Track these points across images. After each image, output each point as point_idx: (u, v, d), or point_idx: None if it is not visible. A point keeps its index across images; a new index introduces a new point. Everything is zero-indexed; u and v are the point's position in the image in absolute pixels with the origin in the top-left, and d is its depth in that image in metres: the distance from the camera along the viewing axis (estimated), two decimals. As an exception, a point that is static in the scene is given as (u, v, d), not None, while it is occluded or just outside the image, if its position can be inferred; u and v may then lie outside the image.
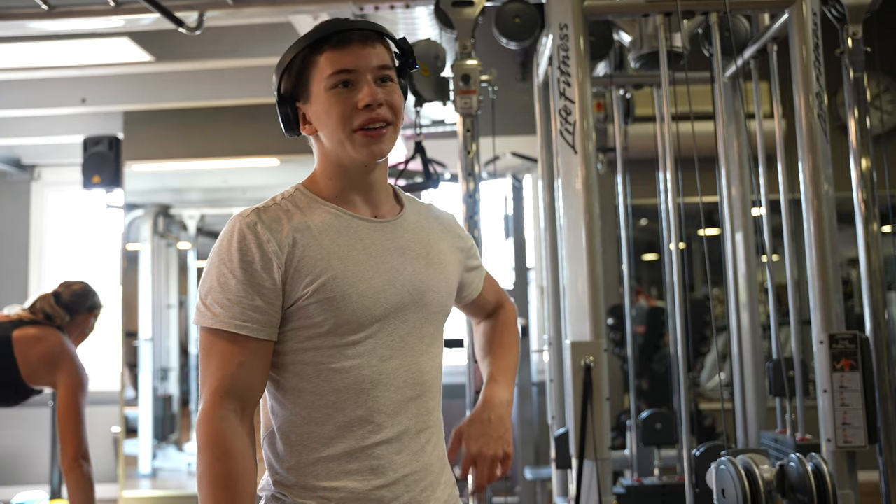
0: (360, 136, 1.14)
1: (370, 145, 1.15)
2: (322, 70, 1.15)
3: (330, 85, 1.14)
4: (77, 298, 2.64)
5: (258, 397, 1.13)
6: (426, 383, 1.19)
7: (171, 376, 4.98)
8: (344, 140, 1.15)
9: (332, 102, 1.14)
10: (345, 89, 1.14)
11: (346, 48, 1.14)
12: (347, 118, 1.14)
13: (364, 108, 1.13)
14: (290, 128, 1.22)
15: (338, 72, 1.14)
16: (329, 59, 1.14)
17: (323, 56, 1.15)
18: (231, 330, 1.08)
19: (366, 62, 1.14)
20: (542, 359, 4.55)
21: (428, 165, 2.61)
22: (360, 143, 1.15)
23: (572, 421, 2.09)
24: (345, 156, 1.17)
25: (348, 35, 1.15)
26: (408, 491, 1.15)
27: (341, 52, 1.14)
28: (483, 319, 1.50)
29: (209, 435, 1.07)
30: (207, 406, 1.08)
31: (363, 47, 1.15)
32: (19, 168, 5.60)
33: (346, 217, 1.18)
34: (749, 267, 2.71)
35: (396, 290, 1.16)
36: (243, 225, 1.12)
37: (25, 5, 2.84)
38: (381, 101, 1.14)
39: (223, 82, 4.34)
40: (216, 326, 1.08)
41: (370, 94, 1.13)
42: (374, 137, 1.14)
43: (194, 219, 5.09)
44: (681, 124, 2.34)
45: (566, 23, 2.21)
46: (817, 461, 1.84)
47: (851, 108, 2.32)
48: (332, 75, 1.14)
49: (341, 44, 1.14)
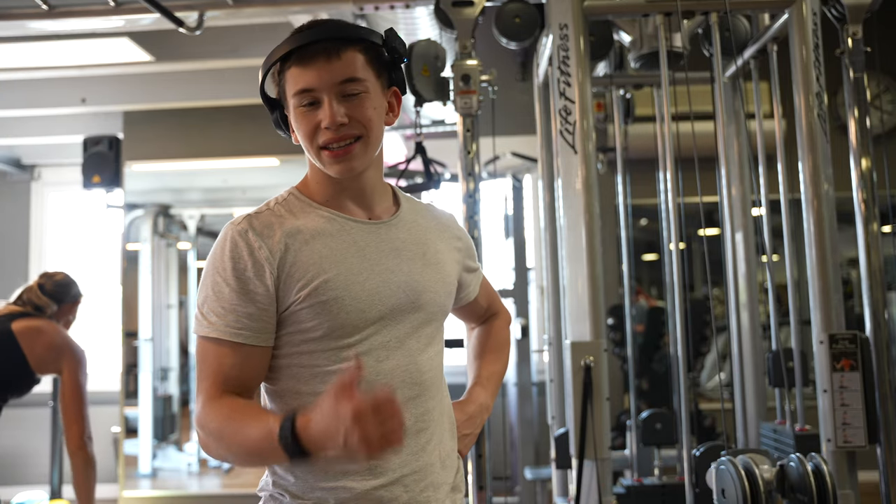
0: (325, 155, 1.14)
1: (336, 164, 1.14)
2: (290, 86, 1.14)
3: (296, 104, 1.13)
4: (61, 288, 2.73)
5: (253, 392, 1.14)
6: (424, 383, 1.18)
7: (171, 376, 4.98)
8: (314, 157, 1.16)
9: (299, 121, 1.14)
10: (309, 108, 1.13)
11: (308, 65, 1.11)
12: (312, 137, 1.14)
13: (325, 129, 1.12)
14: (281, 130, 1.23)
15: (300, 91, 1.12)
16: (293, 77, 1.13)
17: (290, 72, 1.13)
18: (227, 338, 1.09)
19: (328, 78, 1.11)
20: (542, 359, 4.55)
21: (428, 165, 2.61)
22: (326, 162, 1.15)
23: (572, 421, 2.09)
24: (320, 167, 1.17)
25: (309, 50, 1.11)
26: (407, 491, 1.14)
27: (304, 69, 1.11)
28: (476, 325, 1.50)
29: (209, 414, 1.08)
30: (203, 400, 1.09)
31: (327, 61, 1.10)
32: (19, 168, 5.61)
33: (340, 220, 1.17)
34: (749, 267, 2.71)
35: (392, 292, 1.16)
36: (235, 233, 1.12)
37: (25, 5, 2.84)
38: (340, 122, 1.11)
39: (223, 82, 4.34)
40: (212, 335, 1.09)
41: (328, 116, 1.11)
42: (339, 156, 1.13)
43: (194, 219, 5.09)
44: (681, 124, 2.34)
45: (566, 23, 2.21)
46: (817, 461, 1.84)
47: (851, 108, 2.32)
48: (295, 94, 1.13)
49: (303, 60, 1.11)
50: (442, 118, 4.13)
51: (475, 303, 1.44)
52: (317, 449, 0.96)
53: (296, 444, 0.96)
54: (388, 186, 1.27)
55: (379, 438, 0.91)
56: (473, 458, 2.33)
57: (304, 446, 0.96)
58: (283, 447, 0.97)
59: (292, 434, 0.96)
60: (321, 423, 0.94)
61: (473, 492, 2.33)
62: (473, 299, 1.42)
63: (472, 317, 1.48)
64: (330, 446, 0.94)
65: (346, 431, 0.91)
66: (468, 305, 1.43)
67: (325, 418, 0.94)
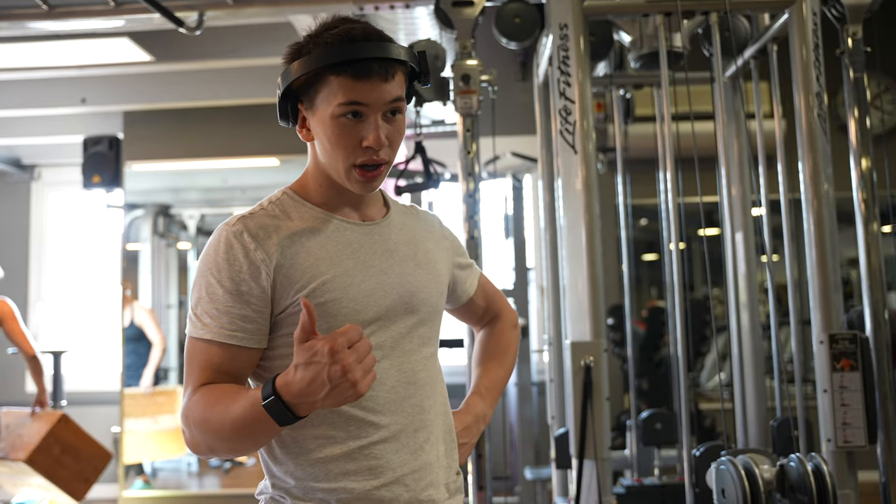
0: (358, 173, 1.13)
1: (365, 184, 1.14)
2: (333, 93, 1.10)
3: (339, 113, 1.10)
4: None
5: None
6: (419, 382, 1.18)
7: (171, 376, 4.98)
8: (341, 171, 1.14)
9: (336, 131, 1.11)
10: (353, 120, 1.10)
11: (365, 80, 1.08)
12: (350, 152, 1.12)
13: (367, 148, 1.11)
14: (285, 121, 1.20)
15: (351, 102, 1.09)
16: (344, 87, 1.08)
17: (338, 79, 1.08)
18: (221, 340, 1.08)
19: (381, 97, 1.09)
20: (542, 359, 4.55)
21: (428, 165, 2.61)
22: (355, 180, 1.14)
23: (572, 421, 2.09)
24: (338, 179, 1.16)
25: (371, 66, 1.08)
26: (407, 490, 1.14)
27: (359, 83, 1.08)
28: (480, 326, 1.48)
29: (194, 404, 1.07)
30: (189, 394, 1.09)
31: (384, 81, 1.09)
32: (19, 168, 5.60)
33: (335, 221, 1.17)
34: (749, 267, 2.71)
35: (385, 293, 1.15)
36: (229, 234, 1.11)
37: (25, 5, 2.84)
38: (384, 144, 1.11)
39: (223, 82, 4.34)
40: (206, 337, 1.08)
41: (376, 138, 1.10)
42: (371, 178, 1.13)
43: (194, 219, 5.09)
44: (681, 124, 2.34)
45: (566, 23, 2.21)
46: (817, 461, 1.84)
47: (851, 108, 2.32)
48: (343, 104, 1.09)
49: (361, 75, 1.08)
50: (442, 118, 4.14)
51: (473, 303, 1.42)
52: (303, 402, 0.96)
53: (281, 404, 0.97)
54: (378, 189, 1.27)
55: (360, 367, 0.94)
56: (473, 459, 2.33)
57: (289, 405, 0.96)
58: (269, 411, 0.97)
59: (275, 395, 0.97)
60: (300, 373, 0.95)
61: (473, 492, 2.33)
62: (471, 299, 1.41)
63: (471, 318, 1.47)
64: (315, 392, 0.95)
65: (328, 369, 0.93)
66: (466, 305, 1.42)
67: (302, 368, 0.95)
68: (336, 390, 0.94)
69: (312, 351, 0.94)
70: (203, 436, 1.06)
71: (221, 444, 1.06)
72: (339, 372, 0.93)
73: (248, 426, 1.01)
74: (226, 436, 1.04)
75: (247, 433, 1.03)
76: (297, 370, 0.96)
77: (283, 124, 1.20)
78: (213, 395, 1.06)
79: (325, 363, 0.93)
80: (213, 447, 1.08)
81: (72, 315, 5.18)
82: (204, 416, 1.05)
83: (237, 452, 1.10)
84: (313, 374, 0.94)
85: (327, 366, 0.93)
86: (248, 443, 1.06)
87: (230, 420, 1.02)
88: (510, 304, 1.51)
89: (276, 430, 1.01)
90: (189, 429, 1.08)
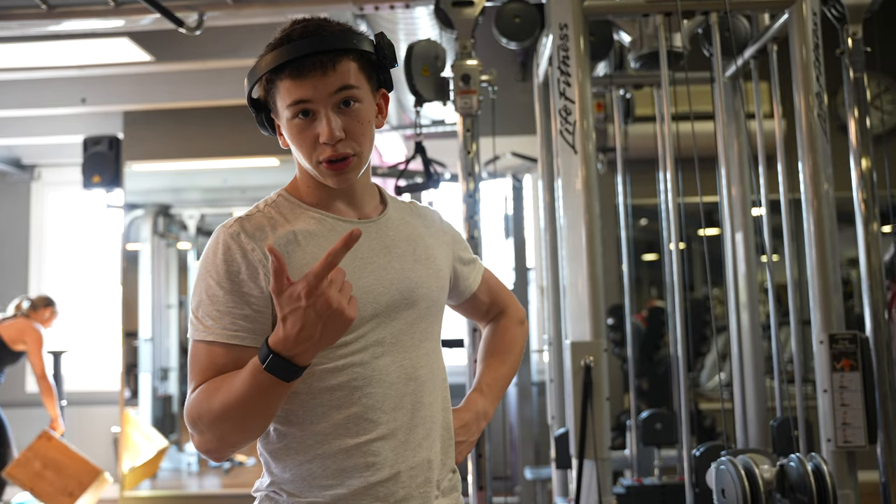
0: (325, 167, 1.13)
1: (337, 176, 1.14)
2: (282, 97, 1.12)
3: (290, 115, 1.12)
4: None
5: None
6: (420, 378, 1.18)
7: (170, 376, 4.98)
8: (312, 169, 1.15)
9: (293, 133, 1.13)
10: (305, 119, 1.11)
11: (303, 78, 1.09)
12: (311, 150, 1.13)
13: (324, 144, 1.11)
14: (266, 131, 1.22)
15: (294, 102, 1.11)
16: (287, 88, 1.10)
17: (282, 82, 1.11)
18: (223, 341, 1.08)
19: (324, 90, 1.09)
20: (542, 359, 4.55)
21: (428, 165, 2.61)
22: (326, 174, 1.14)
23: (572, 421, 2.09)
24: (315, 176, 1.17)
25: (305, 63, 1.08)
26: (404, 487, 1.14)
27: (298, 82, 1.09)
28: (485, 322, 1.48)
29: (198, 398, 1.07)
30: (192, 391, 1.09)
31: (323, 74, 1.09)
32: (19, 168, 5.61)
33: (330, 220, 1.17)
34: (749, 267, 2.71)
35: (385, 289, 1.16)
36: (227, 236, 1.11)
37: (25, 5, 2.84)
38: (339, 137, 1.10)
39: (223, 82, 4.34)
40: (209, 339, 1.09)
41: (328, 133, 1.10)
42: (339, 170, 1.13)
43: (194, 219, 5.09)
44: (681, 124, 2.34)
45: (566, 23, 2.21)
46: (817, 461, 1.84)
47: (851, 108, 2.33)
48: (289, 105, 1.11)
49: (298, 73, 1.09)
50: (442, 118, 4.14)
51: (476, 298, 1.42)
52: (301, 350, 0.98)
53: (280, 360, 0.98)
54: (375, 186, 1.27)
55: (341, 295, 0.98)
56: (473, 458, 2.33)
57: (288, 358, 0.98)
58: (272, 371, 0.99)
59: (272, 353, 0.98)
60: (289, 323, 0.97)
61: (473, 492, 2.33)
62: (474, 294, 1.41)
63: (475, 313, 1.47)
64: (310, 335, 0.97)
65: (314, 307, 0.96)
66: (470, 301, 1.42)
67: (290, 317, 0.97)
68: (329, 324, 0.98)
69: (294, 296, 0.96)
70: (212, 427, 1.06)
71: (233, 428, 1.05)
72: (325, 304, 0.96)
73: (254, 396, 1.01)
74: (235, 416, 1.04)
75: (255, 404, 1.03)
76: (285, 322, 0.98)
77: (266, 134, 1.23)
78: (214, 384, 1.06)
79: (309, 303, 0.96)
80: (225, 436, 1.06)
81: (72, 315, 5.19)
82: (209, 405, 1.05)
83: (250, 433, 1.08)
84: (302, 319, 0.97)
85: (312, 305, 0.96)
86: (259, 416, 1.05)
87: (235, 398, 1.02)
88: (517, 300, 1.50)
89: (284, 391, 1.02)
90: (196, 427, 1.07)
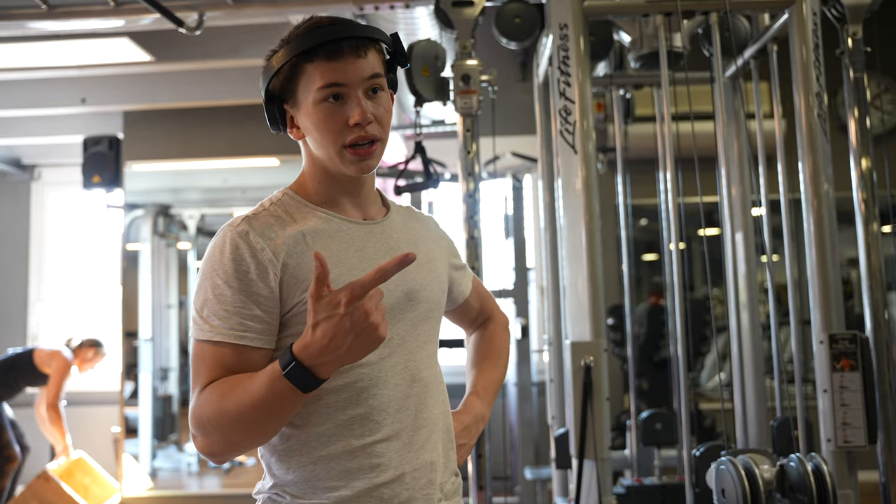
0: (350, 153, 1.13)
1: (359, 162, 1.14)
2: (311, 80, 1.12)
3: (319, 98, 1.12)
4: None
5: None
6: (424, 380, 1.19)
7: (171, 376, 4.98)
8: (334, 155, 1.14)
9: (321, 117, 1.12)
10: (335, 103, 1.12)
11: (339, 60, 1.10)
12: (338, 134, 1.12)
13: (354, 126, 1.12)
14: (275, 126, 1.21)
15: (328, 85, 1.11)
16: (319, 71, 1.10)
17: (312, 65, 1.11)
18: (231, 341, 1.07)
19: (357, 74, 1.11)
20: (542, 359, 4.55)
21: (428, 165, 2.61)
22: (349, 160, 1.14)
23: (572, 421, 2.09)
24: (334, 167, 1.16)
25: (341, 46, 1.10)
26: (408, 489, 1.14)
27: (333, 63, 1.10)
28: (472, 329, 1.49)
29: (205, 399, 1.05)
30: (198, 393, 1.07)
31: (357, 58, 1.11)
32: (19, 168, 5.61)
33: (337, 221, 1.17)
34: (749, 267, 2.71)
35: (390, 291, 1.15)
36: (235, 235, 1.10)
37: (25, 5, 2.84)
38: (370, 119, 1.12)
39: (223, 82, 4.34)
40: (216, 339, 1.07)
41: (361, 113, 1.11)
42: (364, 155, 1.14)
43: (194, 219, 5.09)
44: (681, 124, 2.34)
45: (566, 23, 2.21)
46: (817, 461, 1.84)
47: (851, 108, 2.33)
48: (321, 88, 1.11)
49: (333, 55, 1.10)
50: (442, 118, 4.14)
51: (467, 304, 1.43)
52: (324, 361, 0.96)
53: (302, 369, 0.96)
54: (376, 189, 1.28)
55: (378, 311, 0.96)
56: (473, 458, 2.33)
57: (311, 368, 0.96)
58: (292, 379, 0.97)
59: (295, 361, 0.96)
60: (320, 331, 0.95)
61: (473, 492, 2.33)
62: (465, 301, 1.42)
63: (465, 319, 1.48)
64: (338, 346, 0.95)
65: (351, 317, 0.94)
66: (461, 307, 1.43)
67: (323, 323, 0.95)
68: (360, 338, 0.96)
69: (334, 303, 0.94)
70: (221, 431, 1.04)
71: (243, 433, 1.04)
72: (363, 316, 0.95)
73: (270, 403, 1.00)
74: (248, 421, 1.02)
75: (270, 411, 1.01)
76: (315, 329, 0.96)
77: (274, 130, 1.22)
78: (226, 385, 1.04)
79: (347, 311, 0.94)
80: (233, 440, 1.05)
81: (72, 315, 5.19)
82: (220, 407, 1.03)
83: (260, 438, 1.07)
84: (335, 327, 0.95)
85: (349, 314, 0.94)
86: (271, 423, 1.05)
87: (250, 402, 1.01)
88: (500, 308, 1.52)
89: (299, 401, 1.01)
90: (203, 429, 1.06)
